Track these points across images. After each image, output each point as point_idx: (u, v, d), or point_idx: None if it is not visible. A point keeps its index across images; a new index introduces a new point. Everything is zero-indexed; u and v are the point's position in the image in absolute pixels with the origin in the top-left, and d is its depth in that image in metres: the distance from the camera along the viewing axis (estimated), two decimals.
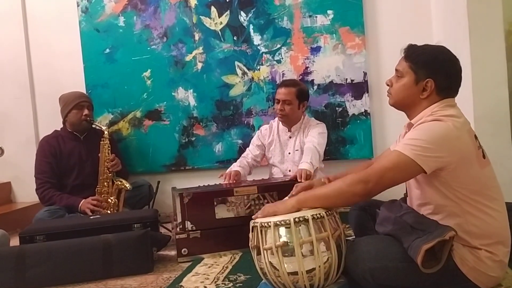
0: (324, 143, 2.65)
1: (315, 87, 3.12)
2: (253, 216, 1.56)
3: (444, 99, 1.44)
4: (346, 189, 1.41)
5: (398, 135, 1.72)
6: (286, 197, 1.66)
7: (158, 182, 2.94)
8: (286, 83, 2.72)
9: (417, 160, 1.32)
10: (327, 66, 3.10)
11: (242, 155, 2.83)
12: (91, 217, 2.33)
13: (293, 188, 1.71)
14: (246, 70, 3.19)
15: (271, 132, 2.81)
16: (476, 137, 1.43)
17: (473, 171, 1.36)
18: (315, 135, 2.62)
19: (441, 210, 1.39)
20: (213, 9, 3.19)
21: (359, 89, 3.08)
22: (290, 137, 2.75)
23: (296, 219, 1.40)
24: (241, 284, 1.75)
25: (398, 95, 1.51)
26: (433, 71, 1.43)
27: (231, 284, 1.76)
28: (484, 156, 1.42)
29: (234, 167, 2.67)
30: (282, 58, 3.15)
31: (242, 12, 3.17)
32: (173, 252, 2.26)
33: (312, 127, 2.69)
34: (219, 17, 3.19)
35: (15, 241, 2.23)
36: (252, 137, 2.93)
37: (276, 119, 2.79)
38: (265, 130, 2.84)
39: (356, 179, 1.39)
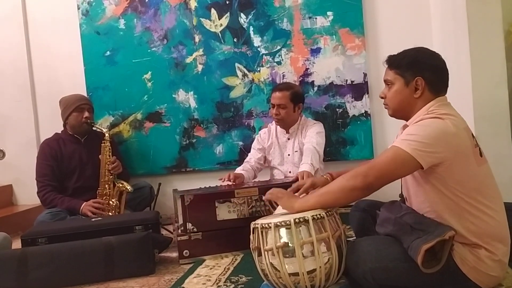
0: (323, 142, 2.66)
1: (315, 88, 3.13)
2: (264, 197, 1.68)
3: (437, 97, 1.46)
4: (345, 183, 1.42)
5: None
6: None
7: (159, 184, 2.95)
8: (280, 87, 2.72)
9: (414, 154, 1.33)
10: (327, 67, 3.11)
11: (245, 160, 2.84)
12: (93, 220, 2.34)
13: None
14: (246, 71, 3.19)
15: (269, 135, 2.82)
16: (473, 136, 1.44)
17: (470, 169, 1.37)
18: (313, 135, 2.62)
19: (439, 208, 1.39)
20: (213, 11, 3.19)
21: (359, 90, 3.09)
22: (288, 139, 2.75)
23: (297, 220, 1.40)
24: (242, 286, 1.76)
25: (393, 102, 1.53)
26: (418, 69, 1.46)
27: (233, 285, 1.77)
28: (481, 155, 1.43)
29: (237, 171, 2.68)
30: (282, 60, 3.15)
31: (242, 14, 3.17)
32: (174, 254, 2.27)
33: (310, 127, 2.70)
34: (219, 19, 3.20)
35: (17, 244, 2.24)
36: (253, 138, 2.94)
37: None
38: (264, 133, 2.85)
39: (355, 173, 1.42)
